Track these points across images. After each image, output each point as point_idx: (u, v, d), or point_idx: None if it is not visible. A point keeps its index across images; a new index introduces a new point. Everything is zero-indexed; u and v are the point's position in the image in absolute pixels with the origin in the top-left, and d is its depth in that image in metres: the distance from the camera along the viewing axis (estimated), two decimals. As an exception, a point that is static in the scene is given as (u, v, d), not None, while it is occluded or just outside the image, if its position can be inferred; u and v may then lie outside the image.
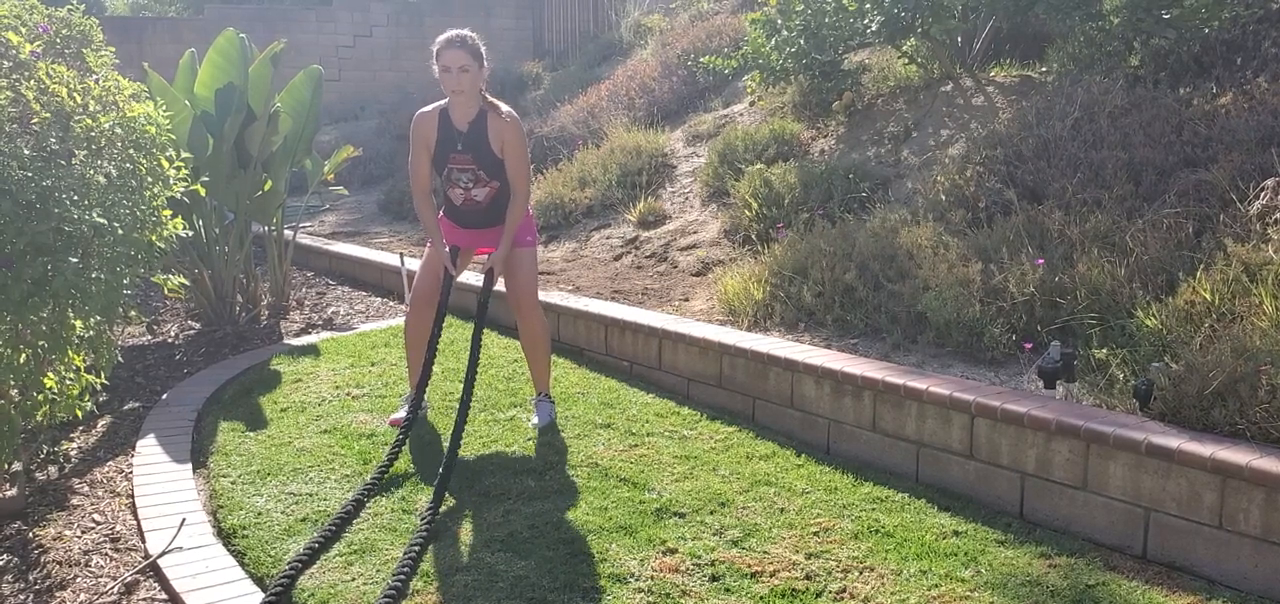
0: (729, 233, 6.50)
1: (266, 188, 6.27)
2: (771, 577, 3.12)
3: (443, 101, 4.18)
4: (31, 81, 3.61)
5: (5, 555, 3.46)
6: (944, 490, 3.76)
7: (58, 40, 4.04)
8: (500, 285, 4.42)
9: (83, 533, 3.62)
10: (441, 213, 4.42)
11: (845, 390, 4.11)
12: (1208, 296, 3.88)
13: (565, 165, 8.39)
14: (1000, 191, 5.23)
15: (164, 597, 3.20)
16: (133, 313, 3.90)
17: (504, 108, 4.19)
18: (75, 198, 3.50)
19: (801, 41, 7.27)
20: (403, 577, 3.09)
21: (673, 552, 3.28)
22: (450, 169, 4.18)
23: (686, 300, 5.67)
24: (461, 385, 4.88)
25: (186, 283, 5.49)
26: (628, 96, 9.61)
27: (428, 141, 4.17)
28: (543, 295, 5.64)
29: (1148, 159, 4.96)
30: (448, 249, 4.29)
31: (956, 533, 3.42)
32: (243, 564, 3.31)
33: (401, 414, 4.29)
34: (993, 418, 3.63)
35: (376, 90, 14.41)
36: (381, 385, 4.99)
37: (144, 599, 3.19)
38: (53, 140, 3.57)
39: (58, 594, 3.22)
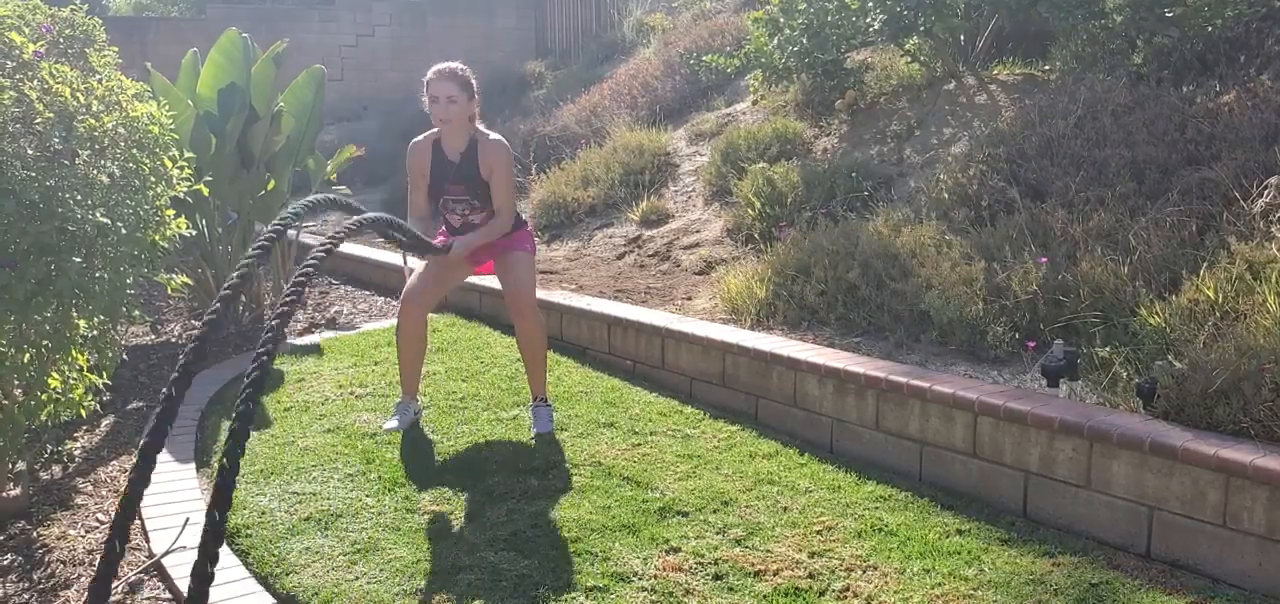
0: (732, 232, 6.50)
1: (269, 187, 6.28)
2: (775, 575, 3.12)
3: (435, 131, 4.22)
4: (35, 82, 3.61)
5: (9, 555, 3.47)
6: (947, 489, 3.76)
7: (61, 40, 4.05)
8: (496, 283, 4.42)
9: (87, 532, 3.63)
10: (442, 231, 4.45)
11: (848, 389, 4.11)
12: (1211, 295, 3.88)
13: (568, 164, 8.38)
14: (1003, 190, 5.22)
15: (168, 596, 3.21)
16: (136, 312, 3.90)
17: (492, 134, 4.24)
18: (78, 198, 3.50)
19: (804, 40, 7.27)
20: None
21: (676, 551, 3.28)
22: (446, 199, 4.24)
23: (689, 299, 5.66)
24: (465, 384, 4.92)
25: (190, 282, 5.50)
26: (630, 95, 9.60)
27: (423, 171, 4.22)
28: (545, 294, 5.64)
29: (1151, 157, 4.95)
30: (443, 243, 4.31)
31: (960, 532, 3.42)
32: (246, 563, 3.32)
33: (394, 423, 4.28)
34: (996, 417, 3.62)
35: (379, 90, 14.41)
36: (384, 384, 4.99)
37: (148, 598, 3.20)
38: (56, 140, 3.57)
39: (62, 593, 3.23)
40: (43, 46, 3.84)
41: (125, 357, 5.41)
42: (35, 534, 3.61)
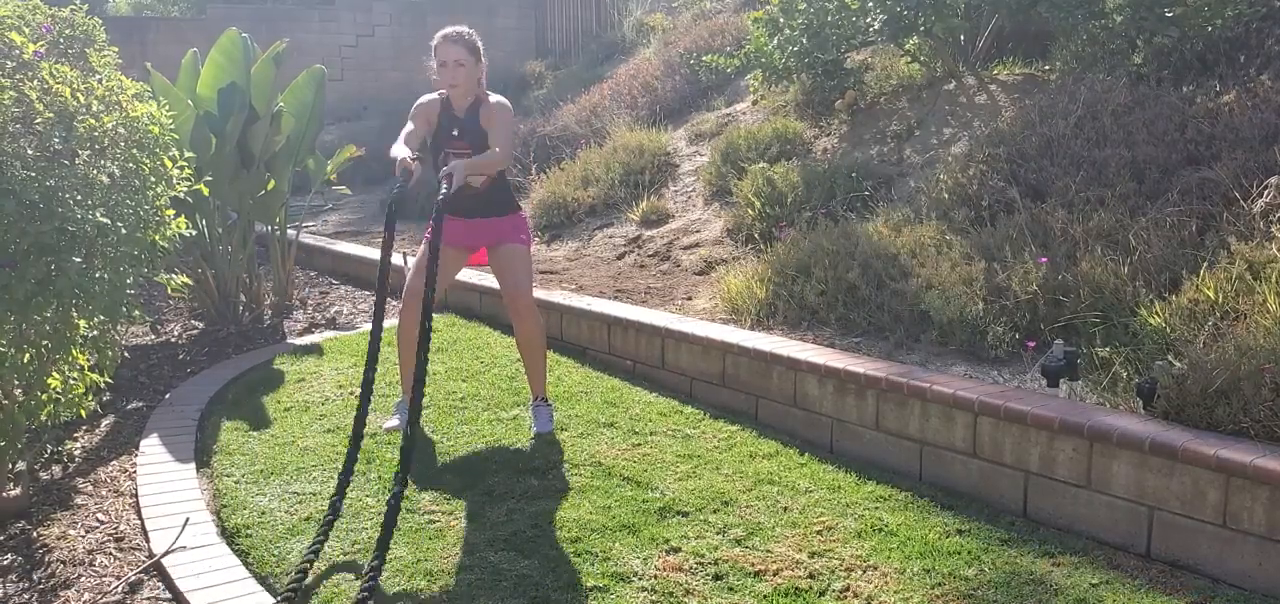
0: (732, 232, 6.50)
1: (269, 187, 6.28)
2: (775, 575, 3.12)
3: (444, 91, 4.24)
4: (35, 82, 3.61)
5: (9, 555, 3.47)
6: (947, 489, 3.76)
7: (61, 40, 4.05)
8: (493, 279, 4.41)
9: (87, 532, 3.63)
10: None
11: (848, 389, 4.11)
12: (1211, 295, 3.88)
13: (568, 164, 8.38)
14: (1003, 190, 5.22)
15: (168, 596, 3.21)
16: (136, 312, 3.90)
17: (496, 96, 4.27)
18: (79, 198, 3.50)
19: (804, 40, 7.27)
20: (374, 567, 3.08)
21: (676, 551, 3.28)
22: (446, 153, 4.22)
23: (689, 299, 5.66)
24: (465, 384, 4.92)
25: (190, 282, 5.50)
26: (630, 95, 9.61)
27: (429, 123, 4.22)
28: (545, 294, 5.64)
29: (1151, 157, 4.95)
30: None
31: (960, 532, 3.42)
32: (246, 563, 3.32)
33: (395, 422, 4.28)
34: (996, 417, 3.62)
35: (379, 90, 14.42)
36: (385, 384, 4.98)
37: (148, 598, 3.20)
38: (56, 140, 3.57)
39: (62, 593, 3.23)
40: (43, 47, 3.84)
41: (125, 356, 5.41)
42: (35, 534, 3.61)
